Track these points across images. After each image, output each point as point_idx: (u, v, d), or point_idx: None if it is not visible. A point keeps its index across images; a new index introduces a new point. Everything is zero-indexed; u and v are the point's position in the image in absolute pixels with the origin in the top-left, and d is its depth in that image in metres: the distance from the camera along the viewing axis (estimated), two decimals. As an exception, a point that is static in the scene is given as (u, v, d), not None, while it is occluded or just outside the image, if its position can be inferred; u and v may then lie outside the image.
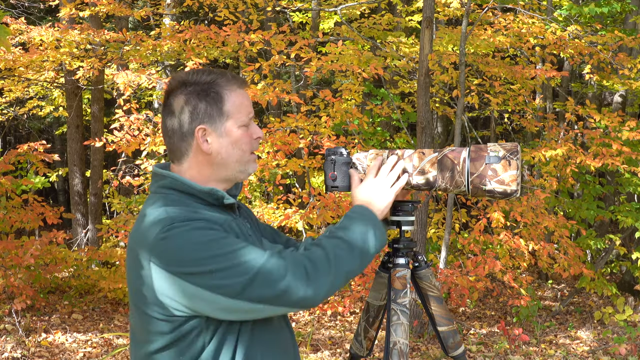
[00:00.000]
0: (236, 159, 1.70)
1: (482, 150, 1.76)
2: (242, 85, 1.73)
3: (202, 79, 1.70)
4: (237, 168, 1.72)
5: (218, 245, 1.55)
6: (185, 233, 1.55)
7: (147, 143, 6.32)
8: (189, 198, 1.67)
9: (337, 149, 1.93)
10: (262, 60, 6.80)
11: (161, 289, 1.56)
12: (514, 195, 1.74)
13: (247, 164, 1.73)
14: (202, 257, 1.53)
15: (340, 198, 6.25)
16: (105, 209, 12.90)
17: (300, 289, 1.54)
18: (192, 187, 1.67)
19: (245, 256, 1.55)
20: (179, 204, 1.64)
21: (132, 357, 1.73)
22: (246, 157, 1.72)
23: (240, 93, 1.72)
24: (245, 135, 1.71)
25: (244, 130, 1.71)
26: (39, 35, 7.59)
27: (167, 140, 1.73)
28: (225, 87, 1.70)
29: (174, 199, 1.65)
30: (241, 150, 1.70)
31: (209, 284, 1.52)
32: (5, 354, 5.73)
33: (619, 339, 6.28)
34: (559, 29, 7.87)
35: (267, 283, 1.53)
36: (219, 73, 1.72)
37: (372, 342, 2.03)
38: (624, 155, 6.85)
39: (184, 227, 1.55)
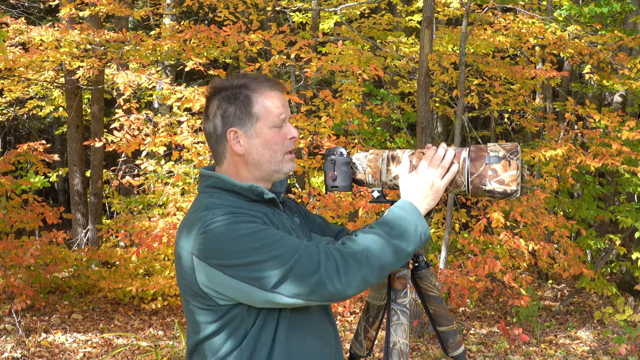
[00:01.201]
0: (267, 159, 1.77)
1: (482, 150, 1.76)
2: (273, 87, 1.78)
3: (233, 84, 1.78)
4: (270, 168, 1.78)
5: (255, 238, 1.61)
6: (224, 226, 1.62)
7: (147, 143, 6.31)
8: (232, 195, 1.75)
9: (337, 149, 1.93)
10: (262, 60, 6.80)
11: (203, 281, 1.64)
12: (514, 195, 1.74)
13: (281, 164, 1.79)
14: (239, 249, 1.60)
15: (340, 198, 6.25)
16: (105, 209, 12.90)
17: (330, 284, 1.59)
18: (234, 184, 1.75)
19: (280, 249, 1.60)
20: (222, 200, 1.72)
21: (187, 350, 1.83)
22: (278, 157, 1.78)
23: (271, 95, 1.77)
24: (277, 136, 1.77)
25: (276, 131, 1.77)
26: (39, 35, 7.59)
27: (208, 144, 1.84)
28: (255, 90, 1.76)
29: (218, 197, 1.74)
30: (272, 151, 1.77)
31: (245, 276, 1.59)
32: (5, 354, 5.73)
33: (619, 339, 6.28)
34: (559, 29, 7.87)
35: (300, 278, 1.59)
36: (252, 77, 1.79)
37: (372, 342, 2.03)
38: (624, 155, 6.84)
39: (223, 221, 1.63)
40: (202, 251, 1.63)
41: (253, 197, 1.76)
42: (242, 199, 1.75)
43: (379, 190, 1.95)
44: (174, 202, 6.45)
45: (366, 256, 1.63)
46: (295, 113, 8.72)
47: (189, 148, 6.24)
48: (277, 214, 1.80)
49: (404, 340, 1.84)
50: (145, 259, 8.00)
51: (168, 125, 6.67)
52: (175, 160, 7.29)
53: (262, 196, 1.76)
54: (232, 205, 1.71)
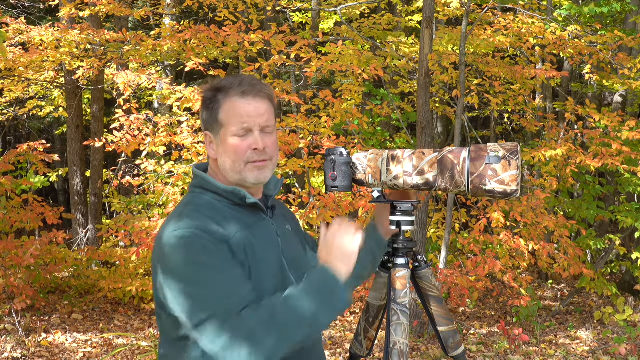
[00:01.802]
0: (229, 167, 1.75)
1: (482, 150, 1.76)
2: (245, 95, 1.73)
3: (214, 86, 1.77)
4: (234, 176, 1.76)
5: (199, 271, 1.59)
6: (182, 242, 1.61)
7: (147, 143, 6.31)
8: (215, 197, 1.75)
9: (337, 149, 1.93)
10: (262, 60, 6.80)
11: (158, 286, 1.66)
12: (514, 195, 1.74)
13: (243, 173, 1.75)
14: (184, 272, 1.60)
15: (340, 198, 6.24)
16: (105, 209, 12.89)
17: (236, 352, 1.54)
18: (217, 187, 1.76)
19: (214, 293, 1.58)
20: (203, 202, 1.73)
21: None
22: (239, 167, 1.74)
23: (239, 102, 1.73)
24: (237, 146, 1.73)
25: (238, 140, 1.73)
26: (39, 35, 7.58)
27: None
28: (226, 95, 1.74)
29: (200, 198, 1.75)
30: (232, 160, 1.74)
31: (179, 298, 1.59)
32: (5, 354, 5.73)
33: (619, 339, 6.28)
34: (558, 29, 7.86)
35: (211, 334, 1.56)
36: (232, 81, 1.76)
37: (372, 342, 2.03)
38: (624, 155, 6.84)
39: (183, 237, 1.62)
40: (159, 259, 1.65)
41: (236, 201, 1.75)
42: (226, 202, 1.74)
43: (379, 190, 1.95)
44: (174, 202, 6.45)
45: (278, 329, 1.56)
46: (295, 113, 8.72)
47: (189, 148, 6.24)
48: (261, 220, 1.78)
49: (404, 340, 1.84)
50: (145, 259, 7.99)
51: (168, 125, 6.67)
52: (175, 160, 7.29)
53: (244, 200, 1.74)
54: (210, 215, 1.68)
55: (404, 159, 1.86)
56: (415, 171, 1.84)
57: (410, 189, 1.88)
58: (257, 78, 1.81)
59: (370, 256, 2.02)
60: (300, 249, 1.91)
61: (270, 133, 1.76)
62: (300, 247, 1.91)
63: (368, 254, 2.00)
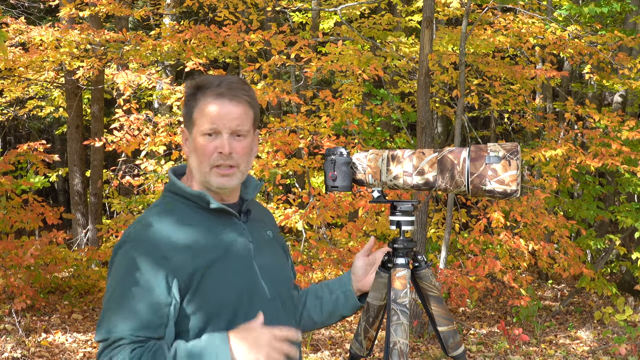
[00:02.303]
0: (196, 167, 1.74)
1: (482, 150, 1.76)
2: (220, 96, 1.70)
3: (195, 84, 1.75)
4: (200, 177, 1.74)
5: (126, 281, 1.64)
6: (126, 252, 1.67)
7: (146, 143, 6.31)
8: (183, 201, 1.74)
9: (337, 149, 1.93)
10: (262, 60, 6.80)
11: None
12: (514, 195, 1.74)
13: (208, 176, 1.72)
14: (112, 282, 1.68)
15: (340, 198, 6.24)
16: (105, 209, 12.89)
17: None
18: (184, 190, 1.74)
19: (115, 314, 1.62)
20: (168, 208, 1.73)
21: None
22: (203, 169, 1.72)
23: (213, 103, 1.70)
24: (204, 146, 1.71)
25: (206, 141, 1.70)
26: (39, 35, 7.58)
27: None
28: (203, 94, 1.72)
29: (164, 202, 1.76)
30: (199, 161, 1.72)
31: (104, 301, 1.68)
32: (5, 354, 5.73)
33: (619, 339, 6.28)
34: (558, 29, 7.86)
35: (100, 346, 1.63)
36: (212, 81, 1.73)
37: (372, 342, 2.03)
38: (624, 155, 6.85)
39: (127, 247, 1.67)
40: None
41: (202, 205, 1.73)
42: (194, 206, 1.73)
43: (379, 190, 1.95)
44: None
45: None
46: (295, 113, 8.72)
47: (189, 148, 6.23)
48: (231, 225, 1.75)
49: (404, 340, 1.84)
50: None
51: (168, 125, 6.67)
52: (175, 159, 7.29)
53: (208, 205, 1.72)
54: (167, 224, 1.68)
55: (404, 159, 1.86)
56: (415, 171, 1.84)
57: (410, 188, 1.88)
58: (242, 80, 1.77)
59: (330, 306, 1.97)
60: (280, 257, 1.87)
61: (242, 138, 1.72)
62: (279, 255, 1.87)
63: (329, 303, 1.97)
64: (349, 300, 1.97)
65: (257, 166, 6.31)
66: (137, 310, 1.61)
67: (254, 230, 1.81)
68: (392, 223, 1.95)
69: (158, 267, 1.63)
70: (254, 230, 1.81)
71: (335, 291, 1.98)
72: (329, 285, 2.00)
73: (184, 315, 1.66)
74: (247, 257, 1.75)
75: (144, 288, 1.62)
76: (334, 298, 1.97)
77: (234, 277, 1.70)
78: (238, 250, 1.74)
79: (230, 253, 1.72)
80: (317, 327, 2.00)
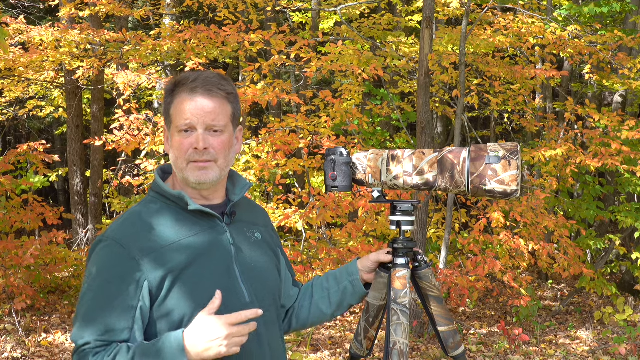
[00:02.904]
0: (174, 162, 1.74)
1: (482, 150, 1.76)
2: (193, 91, 1.69)
3: (175, 80, 1.74)
4: (179, 174, 1.73)
5: (95, 282, 1.65)
6: (99, 251, 1.67)
7: (146, 143, 6.31)
8: (164, 201, 1.73)
9: (337, 149, 1.93)
10: (262, 60, 6.79)
11: None
12: (514, 195, 1.74)
13: (185, 172, 1.71)
14: (84, 281, 1.68)
15: (340, 198, 6.24)
16: (105, 209, 12.89)
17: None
18: (164, 190, 1.73)
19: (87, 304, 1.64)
20: (139, 214, 1.72)
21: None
22: (181, 164, 1.71)
23: (188, 98, 1.69)
24: (180, 142, 1.70)
25: (182, 137, 1.70)
26: (38, 35, 7.58)
27: None
28: (179, 90, 1.71)
29: (147, 202, 1.76)
30: (175, 157, 1.72)
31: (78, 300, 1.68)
32: (5, 354, 5.73)
33: (619, 339, 6.28)
34: (558, 29, 7.86)
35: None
36: (189, 76, 1.72)
37: (372, 342, 2.03)
38: (623, 154, 6.85)
39: (101, 246, 1.67)
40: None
41: (183, 206, 1.72)
42: (174, 206, 1.72)
43: (379, 190, 1.95)
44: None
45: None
46: (295, 113, 8.72)
47: (189, 148, 6.23)
48: (211, 227, 1.73)
49: (404, 340, 1.84)
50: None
51: (168, 125, 6.66)
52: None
53: (187, 206, 1.71)
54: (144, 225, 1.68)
55: (404, 159, 1.86)
56: (415, 171, 1.84)
57: (410, 188, 1.88)
58: (220, 76, 1.75)
59: (338, 296, 1.98)
60: (266, 260, 1.84)
61: (218, 133, 1.70)
62: (266, 258, 1.84)
63: (336, 294, 1.98)
64: (356, 288, 1.97)
65: (257, 166, 6.31)
66: (104, 314, 1.61)
67: (239, 232, 1.79)
68: (392, 223, 1.96)
69: (128, 269, 1.62)
70: (238, 232, 1.78)
71: (343, 281, 1.97)
72: (336, 276, 1.99)
73: (156, 318, 1.64)
74: (226, 260, 1.72)
75: (114, 289, 1.61)
76: (341, 288, 1.97)
77: (209, 279, 1.68)
78: (217, 252, 1.71)
79: (207, 255, 1.69)
80: (326, 318, 2.00)
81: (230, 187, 1.83)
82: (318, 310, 1.98)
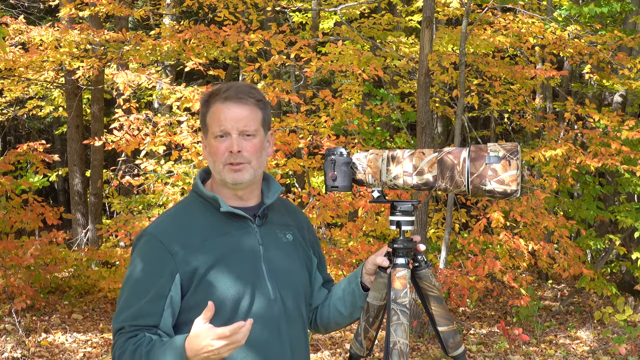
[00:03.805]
0: (212, 167, 1.89)
1: (482, 150, 1.76)
2: (227, 100, 1.85)
3: (209, 91, 1.91)
4: (217, 176, 1.89)
5: (134, 272, 1.82)
6: (141, 245, 1.85)
7: (146, 143, 6.31)
8: (202, 201, 1.90)
9: (337, 149, 1.94)
10: (262, 60, 6.79)
11: None
12: (514, 195, 1.74)
13: (222, 174, 1.86)
14: (127, 271, 1.85)
15: (340, 198, 6.25)
16: (105, 209, 12.88)
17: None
18: (202, 192, 1.89)
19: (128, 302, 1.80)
20: (178, 212, 1.91)
21: None
22: (218, 167, 1.86)
23: (221, 107, 1.85)
24: (217, 147, 1.85)
25: (218, 142, 1.85)
26: (38, 35, 7.58)
27: None
28: (213, 100, 1.87)
29: (187, 202, 1.93)
30: (213, 162, 1.87)
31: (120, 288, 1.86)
32: (5, 354, 5.73)
33: (619, 339, 6.28)
34: (558, 29, 7.86)
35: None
36: (222, 87, 1.88)
37: (372, 342, 2.03)
38: (623, 154, 6.85)
39: (142, 240, 1.85)
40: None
41: (217, 207, 1.86)
42: (209, 207, 1.88)
43: (379, 190, 1.95)
44: (174, 201, 6.44)
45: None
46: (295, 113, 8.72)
47: (189, 148, 6.24)
48: (243, 228, 1.87)
49: (404, 340, 1.84)
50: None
51: (168, 125, 6.67)
52: (175, 160, 7.29)
53: (219, 208, 1.86)
54: (182, 221, 1.85)
55: (404, 159, 1.86)
56: (415, 171, 1.84)
57: (410, 188, 1.88)
58: (250, 85, 1.92)
59: (350, 297, 2.03)
60: (295, 262, 1.94)
61: (250, 137, 1.85)
62: (295, 260, 1.94)
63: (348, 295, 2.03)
64: (361, 292, 2.02)
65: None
66: (139, 301, 1.78)
67: (269, 233, 1.91)
68: (392, 223, 1.96)
69: (164, 261, 1.79)
70: (269, 233, 1.91)
71: (351, 283, 2.04)
72: (349, 278, 2.08)
73: (186, 308, 1.80)
74: (254, 259, 1.86)
75: (149, 279, 1.79)
76: (350, 290, 2.03)
77: (236, 276, 1.82)
78: (245, 251, 1.85)
79: (235, 254, 1.84)
80: (345, 319, 2.05)
81: (265, 189, 1.98)
82: (336, 310, 2.05)
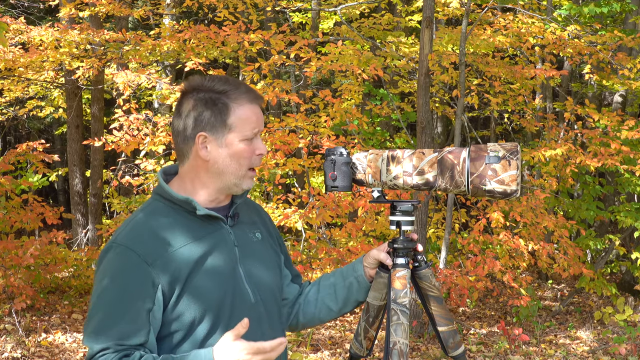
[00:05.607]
0: (232, 171, 1.75)
1: (482, 150, 1.76)
2: (253, 101, 1.75)
3: (215, 88, 1.74)
4: (232, 181, 1.76)
5: (105, 289, 1.67)
6: (110, 257, 1.69)
7: (146, 143, 6.31)
8: (169, 205, 1.75)
9: (337, 149, 1.94)
10: (262, 60, 6.79)
11: None
12: (514, 195, 1.75)
13: (243, 179, 1.76)
14: (97, 287, 1.69)
15: (340, 198, 6.24)
16: (105, 209, 12.88)
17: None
18: (171, 195, 1.75)
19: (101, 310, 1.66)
20: (154, 211, 1.76)
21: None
22: (242, 172, 1.75)
23: (250, 108, 1.74)
24: (246, 150, 1.74)
25: (246, 145, 1.74)
26: (38, 35, 7.57)
27: (174, 140, 1.80)
28: (235, 99, 1.73)
29: (152, 205, 1.78)
30: (238, 164, 1.74)
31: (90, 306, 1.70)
32: (5, 354, 5.73)
33: (619, 339, 6.28)
34: (558, 29, 7.86)
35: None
36: (235, 84, 1.76)
37: (372, 342, 2.03)
38: (623, 154, 6.84)
39: (112, 252, 1.69)
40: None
41: (189, 210, 1.74)
42: (179, 210, 1.74)
43: (379, 190, 1.95)
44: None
45: None
46: (295, 113, 8.72)
47: (189, 148, 6.23)
48: (216, 230, 1.77)
49: (404, 340, 1.84)
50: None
51: (167, 125, 6.67)
52: (175, 160, 7.29)
53: (195, 211, 1.74)
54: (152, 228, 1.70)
55: (404, 159, 1.86)
56: (415, 171, 1.84)
57: (410, 188, 1.88)
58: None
59: (344, 292, 1.99)
60: (268, 260, 1.88)
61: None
62: (267, 258, 1.88)
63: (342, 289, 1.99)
64: (362, 284, 1.98)
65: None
66: (122, 319, 1.63)
67: (241, 233, 1.82)
68: (392, 223, 1.96)
69: (141, 274, 1.65)
70: (241, 233, 1.82)
71: (348, 277, 1.99)
72: (342, 272, 2.01)
73: (168, 320, 1.68)
74: (232, 262, 1.76)
75: (128, 295, 1.65)
76: (347, 284, 1.98)
77: (217, 281, 1.72)
78: (223, 254, 1.75)
79: (214, 258, 1.73)
80: (333, 315, 2.01)
81: None
82: (325, 307, 2.00)
